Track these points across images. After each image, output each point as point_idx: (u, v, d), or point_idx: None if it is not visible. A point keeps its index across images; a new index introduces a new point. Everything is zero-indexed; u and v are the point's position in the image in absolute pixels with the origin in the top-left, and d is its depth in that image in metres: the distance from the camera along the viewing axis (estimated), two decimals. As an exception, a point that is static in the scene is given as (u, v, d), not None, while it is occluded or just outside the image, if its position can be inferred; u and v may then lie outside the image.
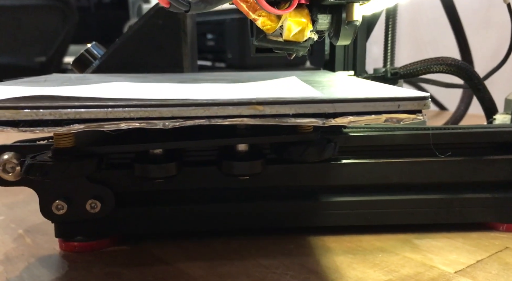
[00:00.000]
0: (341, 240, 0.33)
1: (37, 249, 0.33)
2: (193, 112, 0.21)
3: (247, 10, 0.23)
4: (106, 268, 0.30)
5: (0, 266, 0.30)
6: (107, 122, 0.20)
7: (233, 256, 0.31)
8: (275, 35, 0.25)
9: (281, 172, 0.32)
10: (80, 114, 0.20)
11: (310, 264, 0.30)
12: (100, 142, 0.27)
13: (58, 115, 0.20)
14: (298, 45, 0.25)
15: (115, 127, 0.20)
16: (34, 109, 0.20)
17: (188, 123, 0.21)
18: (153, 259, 0.31)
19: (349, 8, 0.25)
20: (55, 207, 0.30)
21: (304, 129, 0.28)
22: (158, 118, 0.21)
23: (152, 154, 0.29)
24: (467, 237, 0.33)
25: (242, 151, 0.29)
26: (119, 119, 0.20)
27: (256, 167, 0.29)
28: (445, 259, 0.30)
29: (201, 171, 0.32)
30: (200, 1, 0.22)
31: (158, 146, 0.28)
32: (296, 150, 0.28)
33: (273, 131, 0.28)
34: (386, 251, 0.31)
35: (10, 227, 0.36)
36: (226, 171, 0.29)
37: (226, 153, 0.30)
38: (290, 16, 0.24)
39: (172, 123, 0.21)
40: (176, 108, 0.21)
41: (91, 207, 0.31)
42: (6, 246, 0.33)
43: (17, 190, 0.42)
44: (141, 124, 0.20)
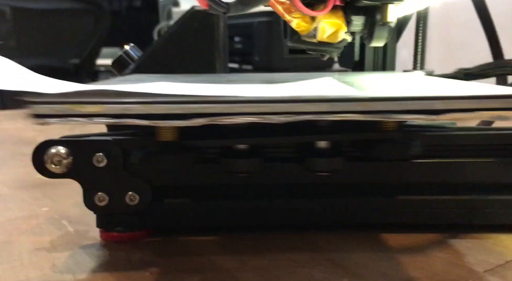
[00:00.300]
0: (369, 238, 0.34)
1: (80, 238, 0.35)
2: (305, 107, 0.22)
3: (283, 12, 0.24)
4: (144, 257, 0.31)
5: (47, 253, 0.32)
6: (226, 116, 0.22)
7: (264, 251, 0.32)
8: (309, 37, 0.26)
9: (360, 168, 0.33)
10: (204, 109, 0.22)
11: (338, 259, 0.31)
12: (197, 136, 0.29)
13: (185, 110, 0.22)
14: (332, 46, 0.26)
15: (232, 121, 0.22)
16: (165, 104, 0.22)
17: (299, 118, 0.22)
18: (187, 251, 0.32)
19: (384, 9, 0.25)
20: (98, 198, 0.32)
21: (388, 127, 0.29)
22: (272, 113, 0.22)
23: (236, 149, 0.30)
24: (497, 238, 0.33)
25: (323, 148, 0.30)
26: (237, 114, 0.22)
27: (338, 164, 0.30)
28: (474, 258, 0.30)
29: (281, 167, 0.33)
30: (238, 3, 0.23)
31: (250, 141, 0.29)
32: (383, 147, 0.29)
33: (354, 129, 0.29)
34: (414, 249, 0.32)
35: (54, 218, 0.39)
36: (308, 167, 0.30)
37: (306, 150, 0.30)
38: (325, 17, 0.25)
39: (285, 118, 0.22)
40: (289, 104, 0.22)
41: (130, 199, 0.33)
42: (52, 235, 0.35)
43: (59, 184, 0.45)
44: (258, 119, 0.22)
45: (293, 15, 0.24)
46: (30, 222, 0.38)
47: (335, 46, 0.26)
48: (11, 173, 0.53)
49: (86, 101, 0.21)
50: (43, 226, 0.37)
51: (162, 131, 0.27)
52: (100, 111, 0.21)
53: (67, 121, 0.22)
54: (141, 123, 0.22)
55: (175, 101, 0.22)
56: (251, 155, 0.30)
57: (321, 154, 0.30)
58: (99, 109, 0.21)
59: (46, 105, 0.21)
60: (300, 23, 0.25)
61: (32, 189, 0.46)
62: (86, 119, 0.22)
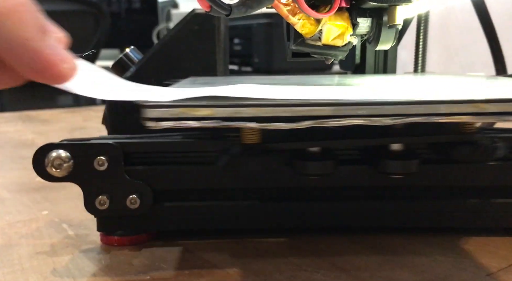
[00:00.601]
0: (371, 241, 0.34)
1: (80, 242, 0.34)
2: (414, 109, 0.22)
3: (287, 14, 0.23)
4: (146, 261, 0.31)
5: (47, 257, 0.32)
6: (334, 119, 0.22)
7: (266, 254, 0.32)
8: (313, 40, 0.25)
9: (436, 171, 0.33)
10: (312, 112, 0.22)
11: (340, 263, 0.30)
12: (280, 139, 0.29)
13: (293, 113, 0.22)
14: (337, 50, 0.25)
15: (340, 124, 0.22)
16: (274, 107, 0.22)
17: (408, 121, 0.22)
18: (188, 254, 0.32)
19: (392, 11, 0.25)
20: (98, 202, 0.32)
21: (468, 129, 0.28)
22: (381, 116, 0.22)
23: (309, 151, 0.29)
24: (500, 241, 0.33)
25: (397, 150, 0.29)
26: (345, 116, 0.22)
27: (412, 166, 0.29)
28: (477, 262, 0.30)
29: (354, 170, 0.33)
30: (241, 5, 0.22)
31: (333, 144, 0.29)
32: (468, 150, 0.28)
33: (430, 131, 0.28)
34: (416, 252, 0.32)
35: (54, 221, 0.39)
36: (381, 170, 0.30)
37: (380, 152, 0.30)
38: (330, 19, 0.24)
39: (392, 120, 0.22)
40: (398, 106, 0.22)
41: (131, 203, 0.32)
42: (52, 238, 0.35)
43: (59, 187, 0.45)
44: (364, 121, 0.22)
45: (298, 17, 0.24)
46: (30, 226, 0.38)
47: (340, 50, 0.25)
48: (11, 176, 0.53)
49: (199, 105, 0.22)
50: (43, 230, 0.37)
51: (247, 134, 0.27)
52: (212, 114, 0.22)
53: (179, 125, 0.22)
54: (250, 126, 0.22)
55: (284, 104, 0.22)
56: (324, 157, 0.30)
57: (396, 156, 0.29)
58: (210, 113, 0.22)
59: (160, 109, 0.21)
60: (305, 25, 0.24)
61: (32, 192, 0.46)
62: (197, 122, 0.22)
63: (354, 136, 0.28)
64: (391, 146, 0.29)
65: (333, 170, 0.29)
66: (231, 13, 0.22)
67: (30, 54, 0.17)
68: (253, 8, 0.22)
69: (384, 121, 0.22)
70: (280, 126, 0.22)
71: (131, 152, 0.33)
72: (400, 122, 0.22)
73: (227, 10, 0.22)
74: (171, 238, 0.34)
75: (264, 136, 0.27)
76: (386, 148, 0.30)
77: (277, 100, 0.22)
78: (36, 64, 0.17)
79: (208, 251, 0.33)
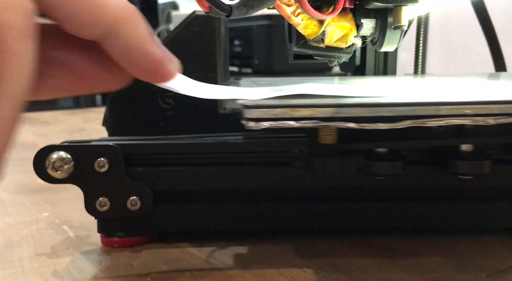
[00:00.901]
0: (372, 243, 0.34)
1: (81, 243, 0.34)
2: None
3: (289, 14, 0.23)
4: (146, 263, 0.31)
5: (48, 258, 0.32)
6: (434, 119, 0.22)
7: (266, 256, 0.32)
8: (316, 41, 0.25)
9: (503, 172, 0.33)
10: (415, 111, 0.22)
11: (341, 264, 0.30)
12: (355, 139, 0.28)
13: (394, 112, 0.22)
14: (340, 52, 0.25)
15: (439, 123, 0.22)
16: (374, 107, 0.22)
17: (511, 120, 0.22)
18: (189, 255, 0.32)
19: (397, 12, 0.24)
20: (99, 203, 0.32)
21: None
22: (485, 115, 0.22)
23: (377, 152, 0.29)
24: (499, 242, 0.33)
25: (467, 151, 0.29)
26: (447, 116, 0.22)
27: (485, 167, 0.29)
28: (477, 263, 0.30)
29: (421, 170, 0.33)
30: (242, 5, 0.21)
31: (409, 144, 0.29)
32: None
33: (500, 132, 0.28)
34: (417, 254, 0.32)
35: (55, 223, 0.39)
36: (451, 170, 0.29)
37: (449, 152, 0.30)
38: (333, 20, 0.24)
39: (494, 120, 0.22)
40: (503, 106, 0.22)
41: (132, 204, 0.32)
42: (52, 240, 0.35)
43: (59, 189, 0.45)
44: (464, 121, 0.22)
45: (301, 18, 0.23)
46: (30, 227, 0.38)
47: (344, 51, 0.25)
48: (11, 177, 0.53)
49: (300, 105, 0.21)
50: (44, 231, 0.37)
51: (324, 134, 0.27)
52: (312, 114, 0.21)
53: (278, 125, 0.22)
54: (349, 126, 0.22)
55: (385, 104, 0.22)
56: (393, 158, 0.29)
57: (466, 157, 0.29)
58: (311, 113, 0.21)
59: (262, 109, 0.21)
60: (308, 27, 0.23)
61: (32, 194, 0.46)
62: (295, 123, 0.22)
63: (426, 137, 0.28)
64: (462, 146, 0.29)
65: (402, 171, 0.29)
66: (231, 14, 0.21)
67: (143, 56, 0.18)
68: (254, 8, 0.21)
69: (488, 121, 0.21)
70: (379, 126, 0.22)
71: (131, 154, 0.33)
72: (503, 121, 0.21)
73: (227, 10, 0.21)
74: (171, 239, 0.34)
75: (340, 137, 0.27)
76: (456, 148, 0.29)
77: (377, 100, 0.22)
78: (148, 64, 0.18)
79: (208, 253, 0.33)
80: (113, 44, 0.18)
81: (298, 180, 0.33)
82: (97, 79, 0.20)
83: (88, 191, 0.32)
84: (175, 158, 0.33)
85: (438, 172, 0.31)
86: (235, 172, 0.33)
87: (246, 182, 0.33)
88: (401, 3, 0.24)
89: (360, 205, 0.34)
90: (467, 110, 0.21)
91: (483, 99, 0.22)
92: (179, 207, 0.34)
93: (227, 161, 0.33)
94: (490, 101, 0.22)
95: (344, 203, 0.34)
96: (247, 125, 0.21)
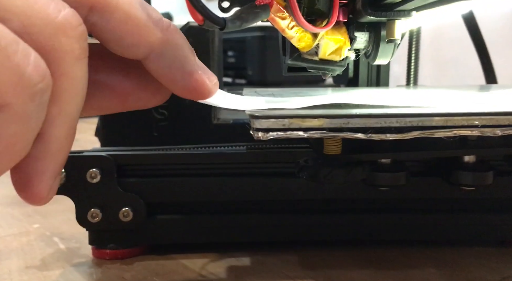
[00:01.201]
0: (365, 254, 0.33)
1: (71, 255, 0.34)
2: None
3: (283, 28, 0.23)
4: (138, 275, 0.31)
5: (38, 271, 0.32)
6: (442, 129, 0.22)
7: (259, 268, 0.32)
8: (310, 54, 0.25)
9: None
10: (423, 122, 0.22)
11: (335, 276, 0.30)
12: (360, 150, 0.28)
13: (403, 123, 0.22)
14: (334, 65, 0.25)
15: (447, 134, 0.22)
16: (382, 118, 0.22)
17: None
18: (182, 268, 0.32)
19: (390, 26, 0.25)
20: (90, 215, 0.32)
21: None
22: (491, 126, 0.22)
23: (380, 163, 0.29)
24: (493, 254, 0.33)
25: (470, 162, 0.29)
26: (456, 127, 0.22)
27: (488, 178, 0.29)
28: (471, 275, 0.30)
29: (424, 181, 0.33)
30: (236, 19, 0.21)
31: (415, 155, 0.29)
32: None
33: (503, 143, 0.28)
34: (410, 265, 0.32)
35: (45, 235, 0.38)
36: (454, 181, 0.29)
37: (452, 164, 0.30)
38: (327, 34, 0.24)
39: (502, 131, 0.22)
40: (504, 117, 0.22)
41: (124, 215, 0.32)
42: (43, 252, 0.35)
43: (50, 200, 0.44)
44: (472, 132, 0.22)
45: (295, 31, 0.23)
46: (20, 239, 0.37)
47: (337, 65, 0.25)
48: (1, 189, 0.52)
49: (309, 115, 0.21)
50: (34, 243, 0.36)
51: (329, 145, 0.26)
52: (321, 125, 0.21)
53: (285, 136, 0.21)
54: (357, 137, 0.22)
55: (394, 114, 0.22)
56: (396, 169, 0.29)
57: (469, 168, 0.29)
58: (320, 123, 0.21)
59: (272, 119, 0.21)
60: (302, 40, 0.24)
61: (22, 205, 0.45)
62: (303, 133, 0.22)
63: (430, 148, 0.28)
64: (465, 157, 0.29)
65: (405, 182, 0.29)
66: (225, 27, 0.21)
67: (186, 76, 0.19)
68: (248, 21, 0.22)
69: (496, 132, 0.21)
70: (388, 137, 0.22)
71: (124, 164, 0.32)
72: (510, 133, 0.21)
73: (221, 24, 0.21)
74: (164, 251, 0.34)
75: (344, 148, 0.27)
76: (459, 159, 0.29)
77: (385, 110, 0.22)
78: (190, 83, 0.19)
79: (201, 265, 0.32)
80: (157, 64, 0.18)
81: (299, 191, 0.33)
82: (137, 97, 0.20)
83: (80, 202, 0.32)
84: (168, 168, 0.33)
85: (441, 183, 0.31)
86: (231, 183, 0.33)
87: (243, 193, 0.33)
88: (395, 17, 0.25)
89: (362, 217, 0.34)
90: (476, 121, 0.21)
91: (491, 110, 0.22)
92: (172, 219, 0.34)
93: (223, 172, 0.33)
94: (498, 113, 0.22)
95: (346, 214, 0.34)
96: (255, 135, 0.21)
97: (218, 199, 0.33)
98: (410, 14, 0.25)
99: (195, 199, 0.33)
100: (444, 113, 0.22)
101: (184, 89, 0.19)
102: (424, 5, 0.24)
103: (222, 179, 0.33)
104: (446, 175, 0.30)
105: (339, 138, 0.25)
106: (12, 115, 0.14)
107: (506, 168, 0.32)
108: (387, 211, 0.34)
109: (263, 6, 0.22)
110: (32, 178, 0.17)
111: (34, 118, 0.15)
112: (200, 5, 0.19)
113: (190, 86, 0.19)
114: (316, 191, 0.33)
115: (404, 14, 0.25)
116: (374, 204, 0.34)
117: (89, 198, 0.32)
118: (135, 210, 0.32)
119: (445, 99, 0.30)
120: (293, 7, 0.21)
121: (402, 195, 0.33)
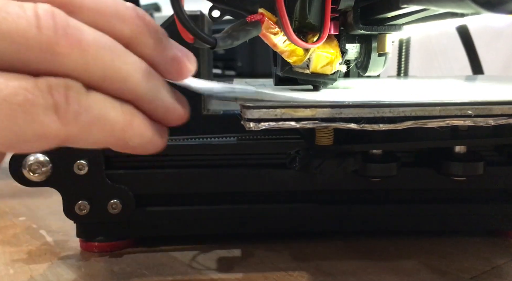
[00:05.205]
0: (356, 245, 0.33)
1: (59, 248, 0.33)
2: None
3: (275, 43, 0.23)
4: (127, 268, 0.30)
5: (25, 264, 0.31)
6: (435, 119, 0.21)
7: (251, 260, 0.32)
8: (301, 68, 0.25)
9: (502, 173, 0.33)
10: (416, 112, 0.21)
11: (326, 267, 0.30)
12: (352, 141, 0.28)
13: (396, 113, 0.21)
14: (325, 78, 0.25)
15: (440, 124, 0.21)
16: (375, 108, 0.21)
17: (510, 121, 0.22)
18: (171, 260, 0.31)
19: (382, 39, 0.25)
20: (78, 207, 0.31)
21: None
22: (487, 116, 0.22)
23: (372, 154, 0.29)
24: (482, 244, 0.34)
25: (461, 152, 0.29)
26: (449, 117, 0.21)
27: (478, 168, 0.29)
28: (461, 265, 0.31)
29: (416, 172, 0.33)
30: (227, 37, 0.21)
31: (408, 145, 0.29)
32: None
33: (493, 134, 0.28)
34: (401, 256, 0.32)
35: (32, 228, 0.37)
36: (445, 172, 0.29)
37: (443, 154, 0.30)
38: (319, 47, 0.24)
39: (494, 121, 0.21)
40: (505, 106, 0.21)
41: (112, 208, 0.32)
42: (30, 245, 0.34)
43: (37, 192, 0.43)
44: (465, 122, 0.21)
45: (286, 46, 0.23)
46: (6, 232, 0.36)
47: (328, 78, 0.25)
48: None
49: (301, 105, 0.21)
50: (21, 236, 0.36)
51: (321, 135, 0.26)
52: (313, 115, 0.21)
53: (277, 126, 0.21)
54: (350, 127, 0.21)
55: (387, 104, 0.21)
56: (387, 159, 0.29)
57: (459, 158, 0.29)
58: (312, 113, 0.21)
59: (263, 109, 0.21)
60: (293, 54, 0.23)
61: (8, 198, 0.44)
62: (296, 123, 0.21)
63: (421, 139, 0.28)
64: (456, 148, 0.29)
65: (396, 172, 0.29)
66: (215, 46, 0.20)
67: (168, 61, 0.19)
68: (239, 39, 0.21)
69: (488, 122, 0.21)
70: (380, 127, 0.22)
71: (112, 156, 0.32)
72: (502, 123, 0.21)
73: (212, 43, 0.20)
74: (153, 244, 0.34)
75: (336, 138, 0.27)
76: (450, 150, 0.29)
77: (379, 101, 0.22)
78: (173, 67, 0.19)
79: (192, 257, 0.32)
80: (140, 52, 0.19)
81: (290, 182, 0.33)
82: None
83: (67, 194, 0.31)
84: (157, 160, 0.32)
85: (432, 174, 0.31)
86: (221, 174, 0.33)
87: (234, 185, 0.33)
88: (386, 31, 0.25)
89: (353, 208, 0.34)
90: (469, 111, 0.21)
91: (484, 100, 0.22)
92: (161, 211, 0.33)
93: (213, 163, 0.33)
94: (491, 102, 0.22)
95: (337, 205, 0.34)
96: (246, 126, 0.21)
97: (208, 190, 0.33)
98: (401, 28, 0.25)
99: (185, 191, 0.33)
100: (438, 103, 0.22)
101: (169, 73, 0.19)
102: (415, 19, 0.24)
103: (213, 170, 0.33)
104: (437, 166, 0.30)
105: (331, 128, 0.25)
106: None
107: (496, 158, 0.33)
108: (378, 202, 0.34)
109: (254, 23, 0.22)
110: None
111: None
112: (190, 25, 0.19)
113: (173, 70, 0.19)
114: (308, 182, 0.33)
115: (395, 29, 0.25)
116: (366, 195, 0.34)
117: (76, 190, 0.31)
118: (124, 202, 0.32)
119: (444, 90, 0.30)
120: (284, 24, 0.21)
121: (393, 185, 0.33)
